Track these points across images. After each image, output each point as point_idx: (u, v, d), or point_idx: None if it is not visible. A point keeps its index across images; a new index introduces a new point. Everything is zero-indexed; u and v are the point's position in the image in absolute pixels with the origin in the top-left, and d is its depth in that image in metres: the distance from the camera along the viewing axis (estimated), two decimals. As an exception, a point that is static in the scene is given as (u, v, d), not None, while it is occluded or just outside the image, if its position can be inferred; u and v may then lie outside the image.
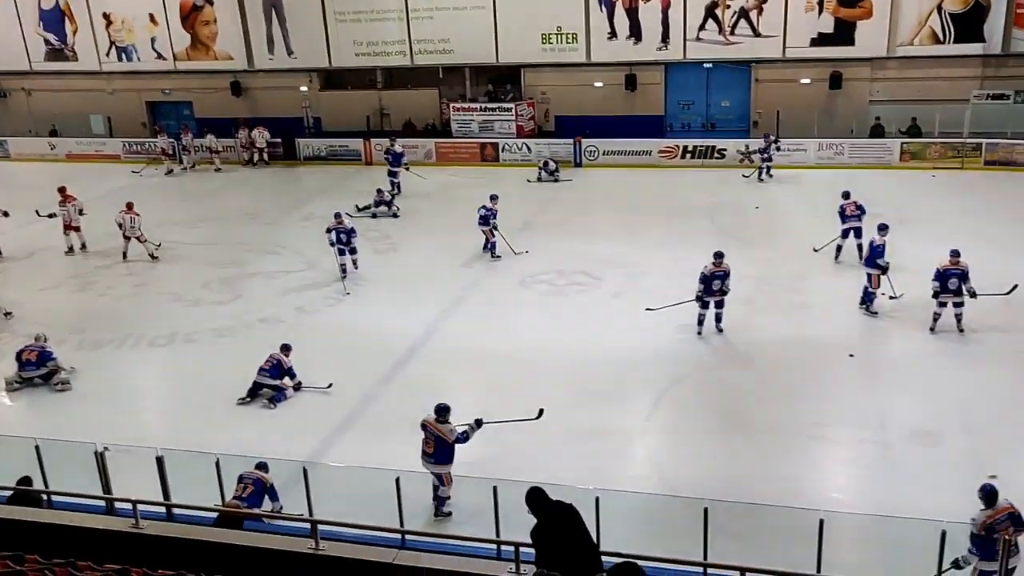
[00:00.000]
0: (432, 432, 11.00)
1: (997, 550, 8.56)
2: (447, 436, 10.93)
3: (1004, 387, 13.94)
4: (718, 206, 24.24)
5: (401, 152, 26.25)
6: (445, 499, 11.14)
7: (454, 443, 10.97)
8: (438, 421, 11.02)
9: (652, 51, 29.50)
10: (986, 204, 23.18)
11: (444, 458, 11.01)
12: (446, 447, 10.97)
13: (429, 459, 11.07)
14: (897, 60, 28.05)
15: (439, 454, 11.01)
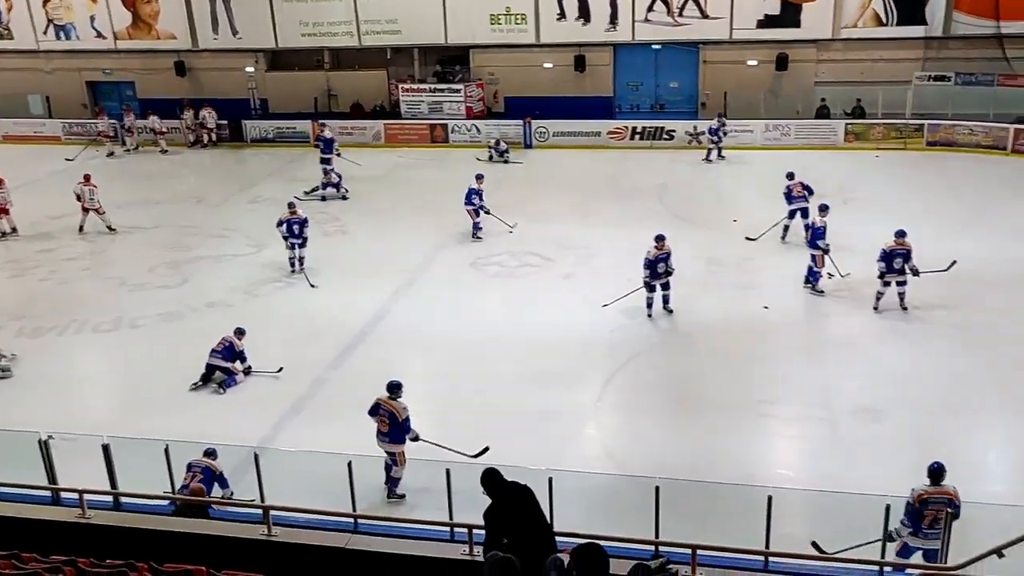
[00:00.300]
0: (386, 410, 11.03)
1: (922, 527, 8.75)
2: (399, 413, 10.97)
3: (946, 363, 14.28)
4: (668, 187, 24.39)
5: (332, 138, 25.65)
6: (397, 480, 11.15)
7: (404, 422, 10.99)
8: (390, 398, 11.06)
9: (601, 32, 29.50)
10: (928, 184, 23.63)
11: (399, 437, 11.05)
12: (400, 425, 10.99)
13: (384, 438, 11.10)
14: (842, 42, 28.39)
15: (394, 432, 11.04)
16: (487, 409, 13.03)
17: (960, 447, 12.22)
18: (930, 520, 8.76)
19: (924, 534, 8.78)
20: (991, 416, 12.99)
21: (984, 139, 26.43)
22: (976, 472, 11.81)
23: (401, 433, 11.04)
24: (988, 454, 12.58)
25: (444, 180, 26.14)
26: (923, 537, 8.81)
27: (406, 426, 11.03)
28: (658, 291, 16.09)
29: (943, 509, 8.68)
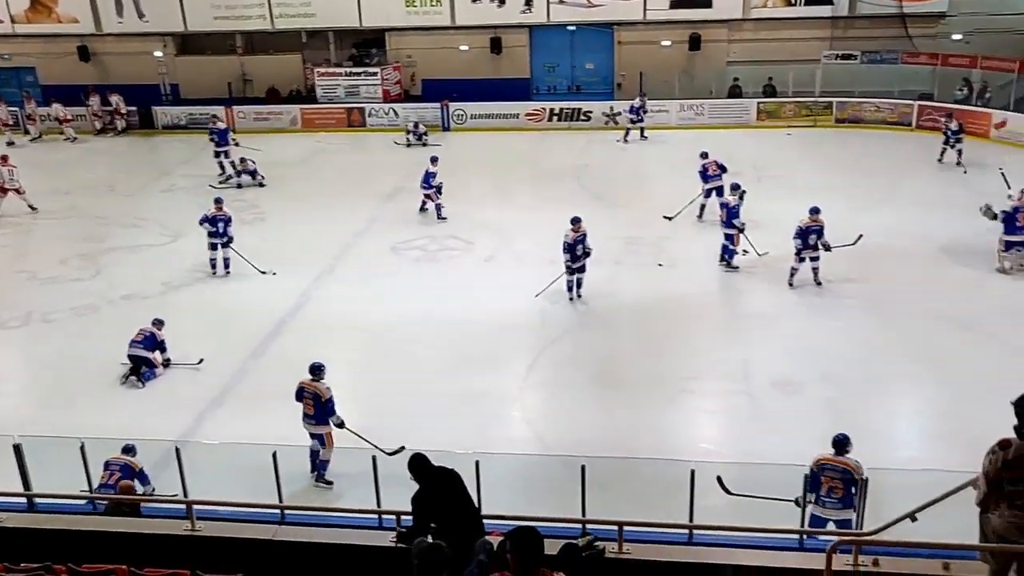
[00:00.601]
0: (309, 392, 11.04)
1: (821, 495, 9.02)
2: (322, 394, 10.99)
3: (858, 335, 14.72)
4: (586, 168, 24.56)
5: (226, 128, 25.00)
6: (326, 463, 11.16)
7: (328, 402, 11.00)
8: (313, 380, 11.07)
9: (516, 14, 29.49)
10: (838, 160, 24.24)
11: (323, 418, 11.06)
12: (323, 406, 11.01)
13: (310, 420, 11.13)
14: (752, 22, 28.90)
15: (319, 414, 11.05)
16: (411, 394, 13.01)
17: (873, 415, 12.64)
18: (827, 488, 9.02)
19: (823, 502, 9.03)
20: (902, 384, 13.47)
21: (890, 116, 27.24)
22: (888, 439, 12.26)
23: (325, 414, 11.04)
24: (899, 421, 13.03)
25: (363, 164, 25.95)
26: (822, 506, 9.04)
27: (329, 407, 11.03)
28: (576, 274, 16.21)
29: (838, 479, 8.97)
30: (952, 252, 17.70)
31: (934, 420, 12.80)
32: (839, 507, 9.02)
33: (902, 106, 27.08)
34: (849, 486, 9.00)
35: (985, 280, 16.56)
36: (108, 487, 9.96)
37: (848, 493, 9.01)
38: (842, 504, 9.02)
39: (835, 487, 9.01)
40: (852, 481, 9.02)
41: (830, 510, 9.03)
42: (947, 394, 12.99)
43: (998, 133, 25.23)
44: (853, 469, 9.03)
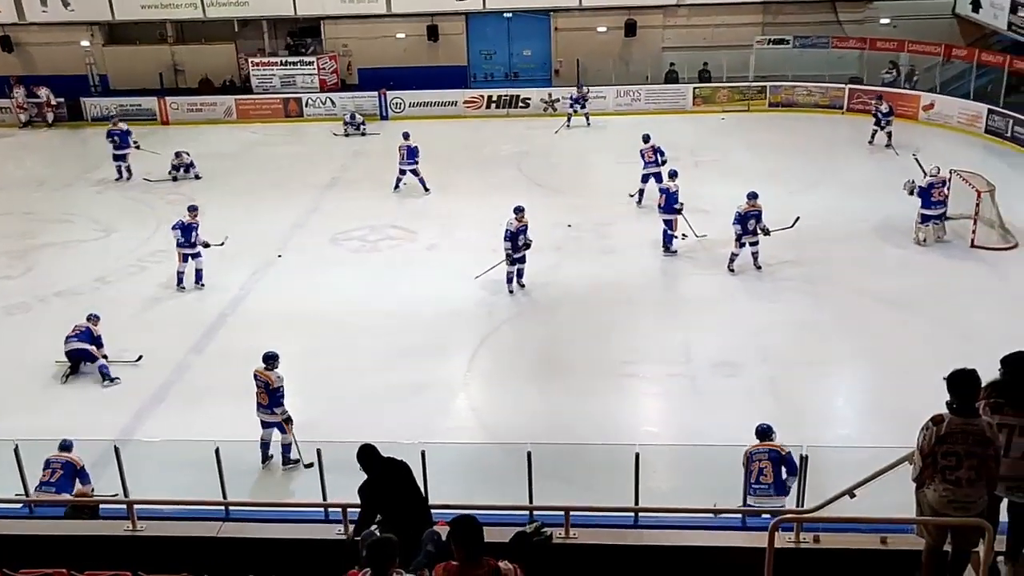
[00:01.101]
0: (261, 380, 11.12)
1: (752, 483, 9.20)
2: (272, 382, 11.07)
3: (796, 316, 15.02)
4: (526, 155, 24.59)
5: (127, 131, 23.89)
6: (289, 446, 11.21)
7: (276, 391, 11.08)
8: (266, 369, 11.14)
9: (452, 1, 29.30)
10: (772, 144, 24.58)
11: (278, 403, 11.15)
12: (273, 393, 11.09)
13: (264, 409, 11.20)
14: (686, 7, 29.13)
15: (273, 402, 11.12)
16: (356, 385, 12.95)
17: (811, 394, 12.95)
18: (757, 472, 9.22)
19: (754, 490, 9.21)
20: (838, 363, 13.79)
21: (822, 99, 27.70)
22: (826, 417, 12.56)
23: (275, 402, 11.14)
24: (837, 399, 13.36)
25: (301, 155, 25.64)
26: (754, 494, 9.21)
27: (277, 397, 11.11)
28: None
29: (766, 459, 9.20)
30: (883, 232, 18.12)
31: (870, 397, 13.12)
32: (770, 493, 9.19)
33: (833, 90, 27.54)
34: (778, 466, 9.21)
35: (915, 259, 17.01)
36: (49, 485, 9.78)
37: (778, 476, 9.20)
38: (773, 490, 9.19)
39: (764, 468, 9.21)
40: (780, 459, 9.24)
41: (762, 497, 9.20)
42: (882, 371, 13.32)
43: (926, 115, 25.83)
44: (779, 447, 9.29)
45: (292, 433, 11.22)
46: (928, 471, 5.57)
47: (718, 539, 6.90)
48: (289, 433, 11.21)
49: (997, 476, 5.55)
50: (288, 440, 11.23)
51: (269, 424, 11.25)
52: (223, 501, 8.92)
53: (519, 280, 16.16)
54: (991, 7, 25.10)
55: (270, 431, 11.29)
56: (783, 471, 9.22)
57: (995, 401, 5.68)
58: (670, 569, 6.60)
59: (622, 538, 7.00)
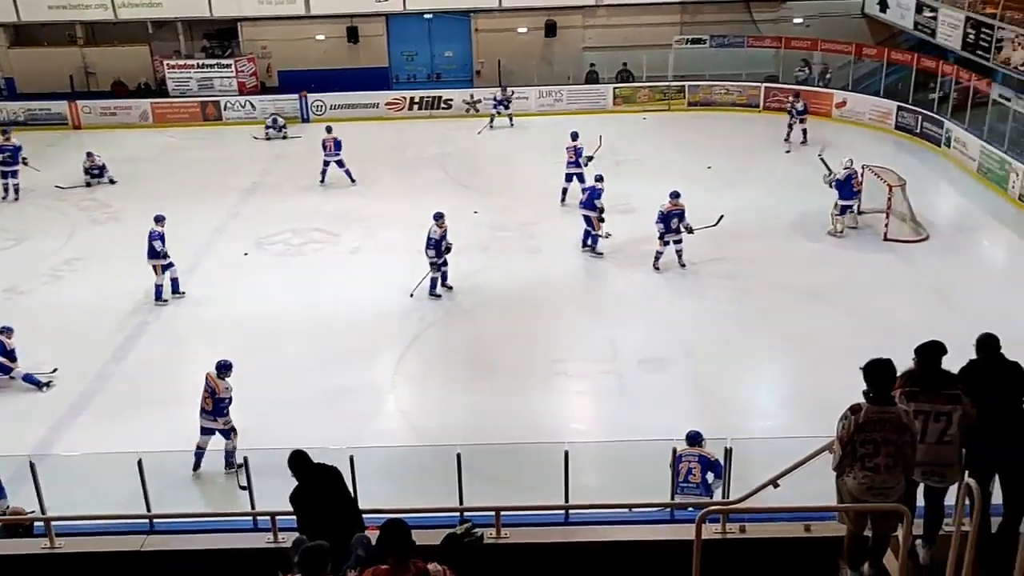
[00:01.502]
0: (209, 386, 11.10)
1: (679, 481, 9.38)
2: (219, 391, 11.04)
3: (719, 311, 15.30)
4: (450, 156, 24.55)
5: (18, 146, 22.22)
6: (232, 451, 11.16)
7: (220, 401, 11.06)
8: (218, 376, 11.12)
9: (372, 3, 29.06)
10: (692, 143, 24.95)
11: (221, 412, 11.15)
12: (217, 403, 11.07)
13: (207, 415, 11.16)
14: (605, 8, 29.39)
15: (216, 410, 11.09)
16: (283, 390, 12.78)
17: (734, 387, 13.21)
18: (685, 471, 9.41)
19: (682, 488, 9.39)
20: (760, 357, 14.09)
21: (739, 98, 28.23)
22: (749, 409, 12.83)
23: (219, 411, 11.14)
24: (759, 392, 13.65)
25: (221, 159, 25.18)
26: (681, 492, 9.40)
27: (222, 406, 11.11)
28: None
29: (696, 461, 9.40)
30: (800, 227, 18.58)
31: (791, 388, 13.44)
32: (698, 493, 9.37)
33: (750, 88, 28.10)
34: (705, 470, 9.40)
35: (831, 252, 17.48)
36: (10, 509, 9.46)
37: (704, 479, 9.39)
38: (700, 490, 9.37)
39: (693, 468, 9.39)
40: (708, 464, 9.44)
41: (689, 496, 9.37)
42: (802, 363, 13.65)
43: (839, 112, 26.52)
44: (708, 454, 9.51)
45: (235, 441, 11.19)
46: (847, 459, 5.72)
47: (647, 533, 6.98)
48: (233, 440, 11.19)
49: (913, 462, 5.73)
50: (232, 446, 11.20)
51: (208, 430, 11.18)
52: (146, 514, 8.73)
53: (444, 283, 16.13)
54: (898, 7, 25.91)
55: (207, 438, 11.20)
56: (710, 475, 9.41)
57: (910, 389, 5.87)
58: (601, 565, 6.67)
59: (553, 536, 7.04)
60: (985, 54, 21.11)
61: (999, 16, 20.65)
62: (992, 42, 20.74)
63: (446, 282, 16.12)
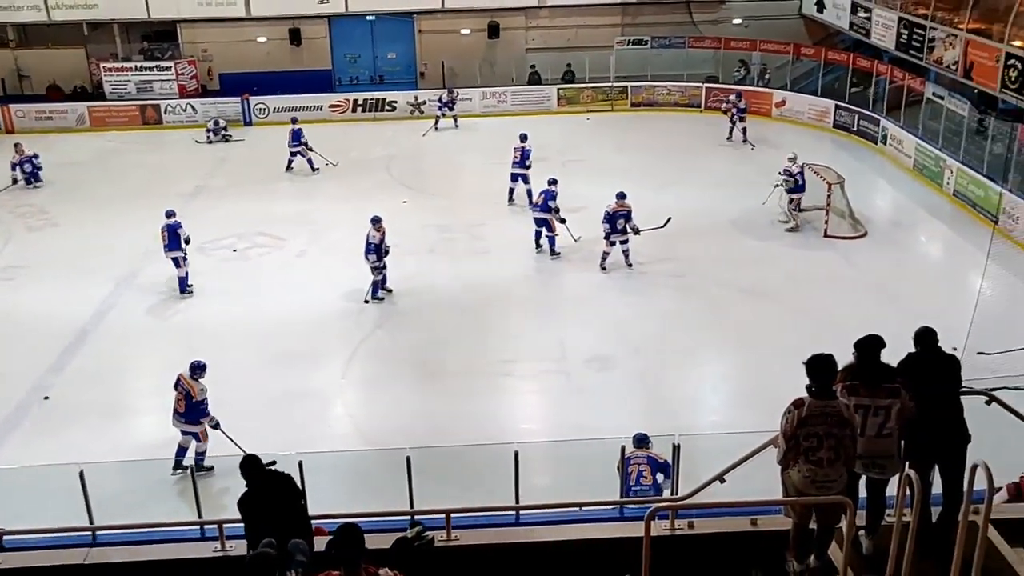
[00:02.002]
0: (183, 387, 11.07)
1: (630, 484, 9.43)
2: (195, 393, 11.00)
3: (665, 310, 15.47)
4: (395, 158, 24.46)
5: None
6: (202, 455, 11.14)
7: (199, 403, 11.03)
8: (191, 377, 11.08)
9: (314, 4, 28.84)
10: (635, 143, 25.17)
11: (194, 417, 11.11)
12: (194, 405, 11.03)
13: (180, 418, 11.15)
14: (548, 9, 29.52)
15: (189, 413, 11.05)
16: (230, 397, 12.53)
17: (681, 384, 13.36)
18: (636, 474, 9.47)
19: (633, 491, 9.43)
20: (706, 354, 14.28)
21: (681, 98, 28.54)
22: (696, 406, 12.98)
23: (196, 414, 11.09)
24: (705, 388, 13.82)
25: (162, 164, 24.82)
26: (632, 495, 9.42)
27: (201, 408, 11.08)
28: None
29: (645, 463, 9.47)
30: (743, 225, 18.85)
31: (736, 384, 13.62)
32: (650, 494, 9.41)
33: (691, 88, 28.43)
34: (655, 471, 9.48)
35: (773, 250, 17.76)
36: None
37: (655, 480, 9.46)
38: (652, 491, 9.42)
39: (643, 471, 9.45)
40: (657, 465, 9.51)
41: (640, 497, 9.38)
42: (746, 359, 13.84)
43: (779, 111, 26.96)
44: (656, 455, 9.58)
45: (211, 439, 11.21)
46: (791, 453, 5.82)
47: (597, 531, 7.03)
48: (204, 442, 11.17)
49: (855, 455, 5.85)
50: (203, 448, 11.17)
51: (186, 433, 11.20)
52: (89, 526, 8.57)
53: (384, 286, 16.06)
54: (834, 8, 26.43)
55: (188, 438, 11.23)
56: (660, 475, 9.49)
57: (850, 383, 5.99)
58: (552, 564, 6.70)
59: (504, 537, 7.06)
60: (918, 54, 21.62)
61: (930, 17, 21.17)
62: (924, 42, 21.25)
63: (385, 285, 16.06)
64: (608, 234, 16.64)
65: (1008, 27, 18.11)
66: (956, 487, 6.07)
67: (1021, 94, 17.53)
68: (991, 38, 18.96)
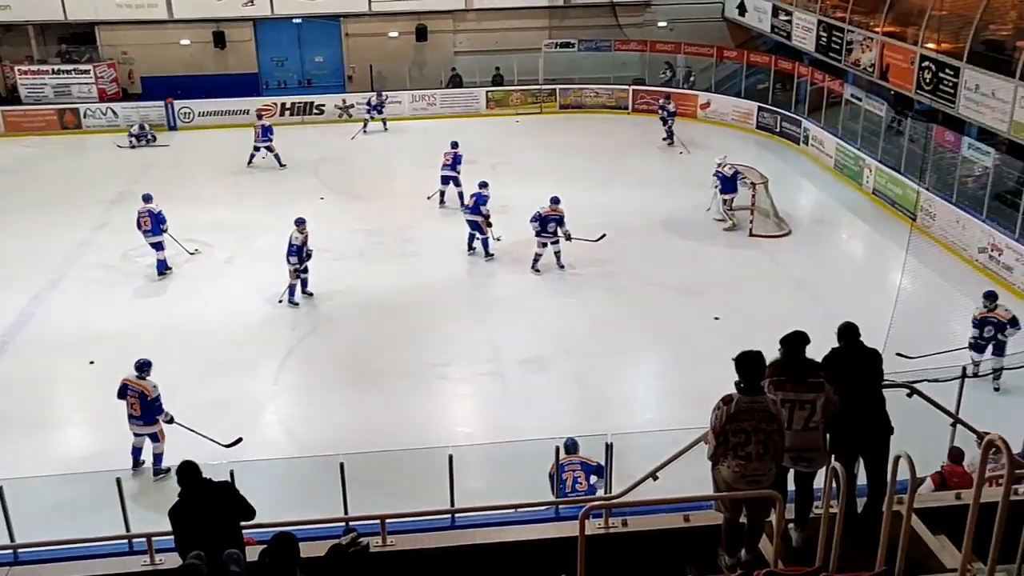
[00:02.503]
0: (134, 390, 10.98)
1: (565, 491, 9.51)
2: (148, 392, 10.92)
3: (597, 310, 15.61)
4: (324, 162, 24.22)
5: None
6: (159, 456, 11.08)
7: (154, 401, 10.95)
8: (138, 377, 10.98)
9: (238, 7, 28.46)
10: (564, 144, 25.33)
11: (150, 417, 11.09)
12: (149, 405, 10.94)
13: (137, 421, 11.12)
14: (475, 12, 29.56)
15: (145, 414, 11.06)
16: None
17: (613, 383, 13.50)
18: (571, 481, 9.57)
19: (566, 496, 9.47)
20: (637, 353, 14.44)
21: (608, 100, 28.83)
22: (628, 404, 13.13)
23: (152, 413, 11.06)
24: (637, 387, 13.99)
25: (83, 170, 24.21)
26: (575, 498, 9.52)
27: (156, 406, 11.06)
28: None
29: (579, 470, 9.57)
30: (672, 225, 19.11)
31: (667, 382, 13.82)
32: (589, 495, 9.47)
33: (618, 91, 28.72)
34: (589, 475, 9.57)
35: (702, 249, 18.04)
36: None
37: (591, 484, 9.55)
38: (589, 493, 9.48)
39: (578, 477, 9.54)
40: (590, 469, 9.60)
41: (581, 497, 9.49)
42: (676, 357, 14.05)
43: (704, 113, 27.39)
44: (587, 459, 9.66)
45: None
46: (721, 449, 5.91)
47: (532, 532, 7.05)
48: (162, 442, 11.11)
49: (783, 450, 5.96)
50: (161, 449, 11.11)
51: (141, 435, 11.13)
52: (10, 544, 8.32)
53: (304, 290, 15.91)
54: (755, 11, 26.98)
55: (142, 439, 11.16)
56: (594, 478, 9.59)
57: (777, 379, 6.10)
58: (488, 567, 6.70)
59: (439, 541, 7.03)
60: (837, 56, 22.19)
61: (848, 20, 21.73)
62: (843, 44, 21.81)
63: (306, 289, 15.92)
64: (538, 232, 16.67)
65: (922, 30, 18.70)
66: (880, 478, 6.21)
67: (935, 95, 18.12)
68: (906, 41, 19.56)
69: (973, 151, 17.73)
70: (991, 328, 12.70)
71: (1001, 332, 12.67)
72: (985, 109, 16.69)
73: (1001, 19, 17.86)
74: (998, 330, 12.67)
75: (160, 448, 11.18)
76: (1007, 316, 12.68)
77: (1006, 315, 12.70)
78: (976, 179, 18.06)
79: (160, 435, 11.18)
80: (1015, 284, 15.77)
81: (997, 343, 12.74)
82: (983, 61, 16.97)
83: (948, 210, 17.91)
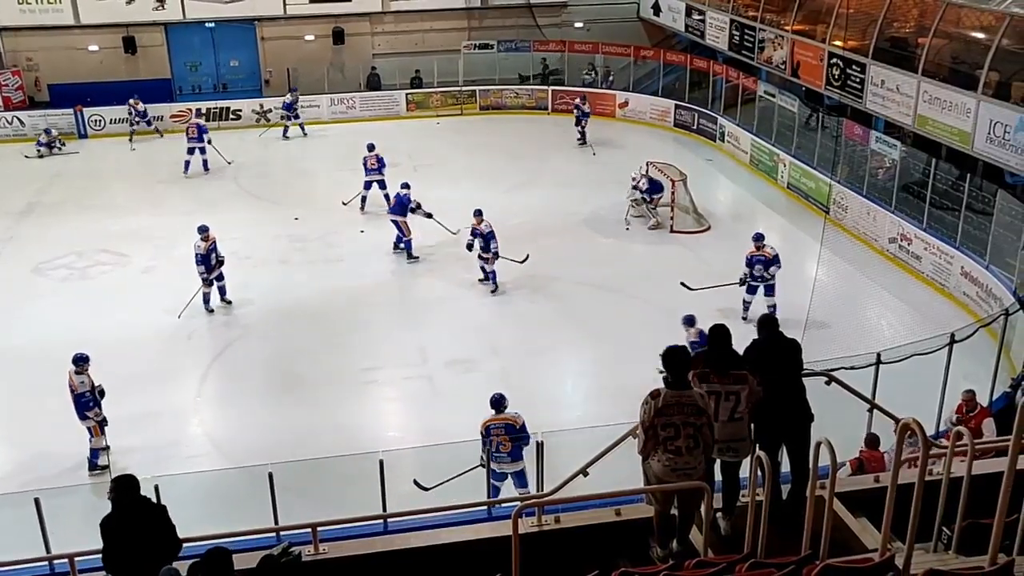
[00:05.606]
0: (69, 384, 11.03)
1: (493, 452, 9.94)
2: (75, 387, 11.06)
3: (522, 310, 15.71)
4: (242, 167, 23.85)
5: None
6: (96, 451, 11.05)
7: (79, 396, 11.06)
8: (75, 372, 11.11)
9: (148, 11, 27.84)
10: (486, 146, 25.41)
11: (79, 411, 11.16)
12: (76, 400, 11.09)
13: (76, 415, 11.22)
14: (393, 15, 29.42)
15: (75, 407, 11.13)
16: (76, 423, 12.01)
17: (541, 382, 13.58)
18: (496, 444, 9.96)
19: (496, 457, 9.99)
20: (564, 351, 14.57)
21: (528, 101, 28.97)
22: (557, 402, 13.22)
23: (79, 408, 11.14)
24: (565, 384, 14.11)
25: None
26: (497, 461, 10.02)
27: (82, 401, 11.09)
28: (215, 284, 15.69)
29: (503, 434, 9.95)
30: (593, 224, 19.31)
31: (595, 379, 13.96)
32: (510, 460, 10.10)
33: (538, 91, 28.90)
34: (512, 438, 9.92)
35: (624, 247, 18.27)
36: None
37: (516, 446, 9.99)
38: (511, 457, 10.07)
39: (503, 442, 9.98)
40: (514, 431, 9.99)
41: (504, 464, 10.12)
42: (604, 354, 14.20)
43: (622, 112, 27.73)
44: (513, 421, 10.09)
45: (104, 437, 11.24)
46: (651, 443, 6.00)
47: (466, 533, 7.07)
48: (99, 437, 11.04)
49: (712, 442, 6.08)
50: (97, 445, 11.08)
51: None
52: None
53: (223, 298, 15.69)
54: (669, 11, 27.41)
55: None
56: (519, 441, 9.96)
57: (702, 371, 6.23)
58: (423, 569, 6.70)
59: (372, 546, 7.01)
60: (750, 54, 22.69)
61: (759, 19, 22.23)
62: (755, 43, 22.31)
63: (225, 296, 15.69)
64: (470, 246, 16.44)
65: (830, 28, 19.25)
66: (803, 464, 6.39)
67: (843, 90, 18.68)
68: (815, 39, 20.11)
69: (881, 144, 18.33)
70: (760, 266, 14.57)
71: (767, 268, 14.57)
72: (891, 103, 17.29)
73: (904, 17, 18.51)
74: (765, 267, 14.56)
75: (96, 444, 11.14)
76: (772, 254, 14.64)
77: (771, 252, 14.67)
78: (885, 171, 18.65)
79: (94, 430, 11.10)
80: (924, 272, 16.35)
81: (768, 285, 14.59)
82: (888, 57, 17.59)
83: (859, 203, 18.47)
